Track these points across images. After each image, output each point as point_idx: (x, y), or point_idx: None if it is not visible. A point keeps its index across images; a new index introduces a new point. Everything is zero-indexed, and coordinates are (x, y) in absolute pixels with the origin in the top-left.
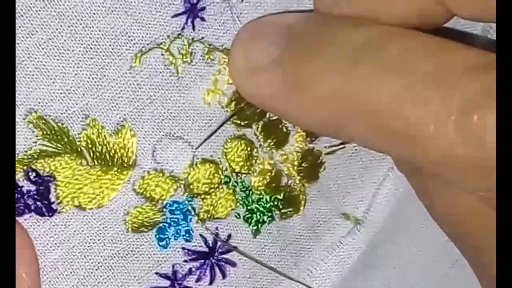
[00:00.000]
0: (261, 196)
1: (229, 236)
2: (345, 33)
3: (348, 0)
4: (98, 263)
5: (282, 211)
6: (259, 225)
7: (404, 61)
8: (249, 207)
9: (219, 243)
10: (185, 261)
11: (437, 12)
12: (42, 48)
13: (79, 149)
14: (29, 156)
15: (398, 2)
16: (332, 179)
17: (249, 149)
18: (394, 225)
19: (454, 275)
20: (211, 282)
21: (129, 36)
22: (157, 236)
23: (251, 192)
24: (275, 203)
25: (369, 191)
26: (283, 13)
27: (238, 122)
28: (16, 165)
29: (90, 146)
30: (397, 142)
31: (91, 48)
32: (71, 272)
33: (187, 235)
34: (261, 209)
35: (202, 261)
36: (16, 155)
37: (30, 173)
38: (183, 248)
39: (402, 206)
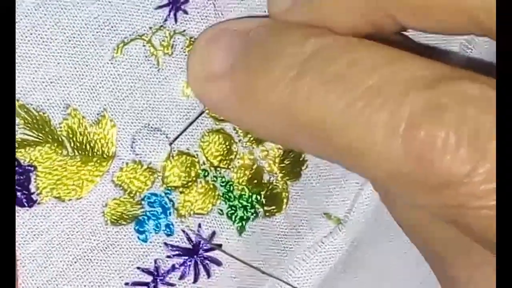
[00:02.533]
0: (243, 192)
1: (214, 233)
2: (296, 43)
3: (300, 9)
4: (77, 255)
5: (265, 208)
6: (244, 222)
7: (351, 74)
8: (231, 203)
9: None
10: (168, 256)
11: (387, 23)
12: (26, 37)
13: (60, 139)
14: None
15: (349, 13)
16: (315, 178)
17: (227, 143)
18: (376, 226)
19: (433, 280)
20: (195, 281)
21: (112, 27)
22: (136, 229)
23: (232, 187)
24: (258, 199)
25: (351, 191)
26: (241, 19)
27: (217, 116)
28: None
29: (71, 136)
30: (343, 157)
31: (74, 38)
32: (49, 264)
33: (167, 229)
34: (244, 204)
35: (186, 257)
36: None
37: None
38: (165, 243)
39: (384, 208)
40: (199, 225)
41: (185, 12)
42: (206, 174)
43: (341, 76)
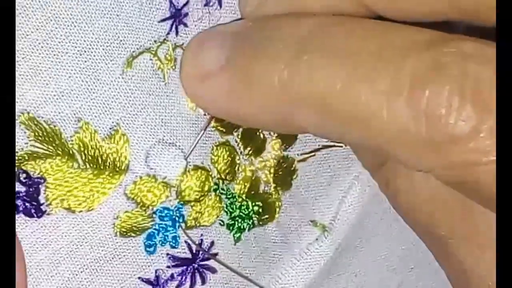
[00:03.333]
0: (243, 203)
1: (212, 243)
2: (289, 26)
3: (272, 1)
4: (84, 265)
5: (260, 217)
6: (241, 232)
7: (349, 45)
8: (232, 214)
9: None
10: (168, 266)
11: (360, 12)
12: (37, 50)
13: (71, 152)
14: (20, 157)
15: (322, 2)
16: (304, 186)
17: (232, 156)
18: (358, 233)
19: (410, 282)
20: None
21: (121, 40)
22: (146, 242)
23: (235, 199)
24: (256, 209)
25: (336, 198)
26: (230, 22)
27: (221, 129)
28: None
29: (82, 149)
30: (350, 125)
31: (85, 51)
32: (56, 273)
33: (173, 241)
34: (243, 215)
35: (184, 267)
36: None
37: (20, 174)
38: (167, 254)
39: (366, 214)
40: (201, 235)
41: (185, 25)
42: (217, 187)
43: (340, 47)
